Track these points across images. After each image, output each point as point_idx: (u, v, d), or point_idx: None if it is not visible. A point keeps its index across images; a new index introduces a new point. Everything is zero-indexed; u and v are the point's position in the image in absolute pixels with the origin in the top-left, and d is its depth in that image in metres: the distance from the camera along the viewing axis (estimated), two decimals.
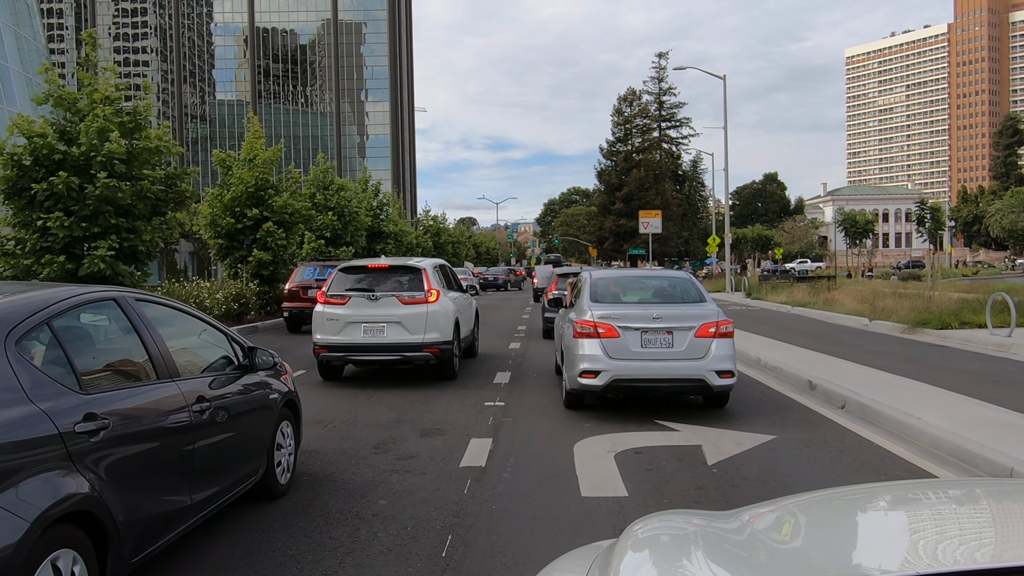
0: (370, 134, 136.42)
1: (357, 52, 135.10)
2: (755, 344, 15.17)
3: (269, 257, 21.18)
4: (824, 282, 34.24)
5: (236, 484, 4.83)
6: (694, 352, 8.32)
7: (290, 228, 21.97)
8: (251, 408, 5.06)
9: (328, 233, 28.48)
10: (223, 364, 5.00)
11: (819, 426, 8.20)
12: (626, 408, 9.04)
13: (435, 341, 10.69)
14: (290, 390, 5.79)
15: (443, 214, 59.75)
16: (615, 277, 10.36)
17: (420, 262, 11.39)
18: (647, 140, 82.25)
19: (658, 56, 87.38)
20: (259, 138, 22.13)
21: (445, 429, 8.00)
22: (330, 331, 10.69)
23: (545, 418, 8.61)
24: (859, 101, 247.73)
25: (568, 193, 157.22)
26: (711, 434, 7.67)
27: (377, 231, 36.36)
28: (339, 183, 29.50)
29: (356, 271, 11.18)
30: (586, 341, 8.40)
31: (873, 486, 2.95)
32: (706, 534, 1.97)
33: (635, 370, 8.31)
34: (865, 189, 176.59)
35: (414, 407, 9.23)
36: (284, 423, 5.63)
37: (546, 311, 17.44)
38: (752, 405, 9.37)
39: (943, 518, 1.96)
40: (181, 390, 4.17)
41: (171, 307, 4.76)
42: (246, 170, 21.66)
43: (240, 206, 21.21)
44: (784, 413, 8.90)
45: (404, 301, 10.65)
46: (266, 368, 5.35)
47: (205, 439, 4.31)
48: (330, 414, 8.78)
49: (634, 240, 76.17)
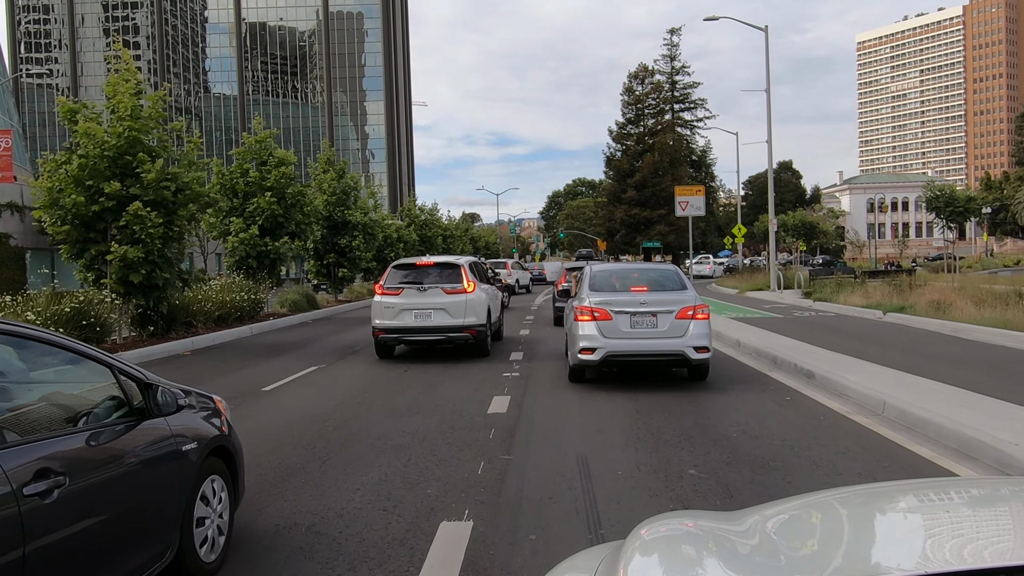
0: (365, 130, 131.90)
1: (351, 48, 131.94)
2: (930, 396, 7.98)
3: (139, 254, 14.16)
4: (904, 278, 27.20)
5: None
6: (675, 331, 9.78)
7: (174, 212, 14.93)
8: (147, 468, 3.70)
9: (262, 220, 21.48)
10: (106, 411, 3.64)
11: None
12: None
13: (473, 324, 13.00)
14: (222, 433, 4.50)
15: (434, 204, 52.73)
16: (611, 269, 12.16)
17: (458, 259, 13.76)
18: (660, 123, 74.79)
19: (670, 32, 79.71)
20: (127, 80, 15.07)
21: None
22: (387, 317, 13.06)
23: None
24: (871, 88, 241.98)
25: (573, 185, 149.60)
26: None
27: (342, 221, 29.35)
28: (279, 156, 22.46)
29: (406, 267, 13.59)
30: (585, 323, 9.89)
31: (884, 485, 2.60)
32: (716, 536, 1.94)
33: (625, 347, 9.82)
34: (884, 176, 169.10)
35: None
36: (210, 480, 4.30)
37: (556, 301, 19.12)
38: None
39: (961, 517, 1.93)
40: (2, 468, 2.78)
41: (13, 333, 3.36)
42: (114, 124, 14.71)
43: (95, 178, 14.22)
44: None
45: (447, 291, 12.95)
46: (170, 411, 3.92)
47: (52, 533, 2.96)
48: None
49: (648, 232, 68.89)
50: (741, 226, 50.26)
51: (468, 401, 9.25)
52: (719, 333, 16.21)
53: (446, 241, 51.17)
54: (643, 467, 6.16)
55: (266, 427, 8.01)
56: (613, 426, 7.70)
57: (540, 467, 6.21)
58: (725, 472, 5.99)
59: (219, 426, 4.54)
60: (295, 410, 9.00)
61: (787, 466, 6.16)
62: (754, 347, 13.57)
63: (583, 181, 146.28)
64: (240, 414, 8.24)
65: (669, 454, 6.58)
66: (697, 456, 6.48)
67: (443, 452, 6.80)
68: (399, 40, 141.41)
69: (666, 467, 6.16)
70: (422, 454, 6.73)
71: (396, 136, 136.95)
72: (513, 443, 7.09)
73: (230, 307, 19.25)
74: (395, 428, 7.84)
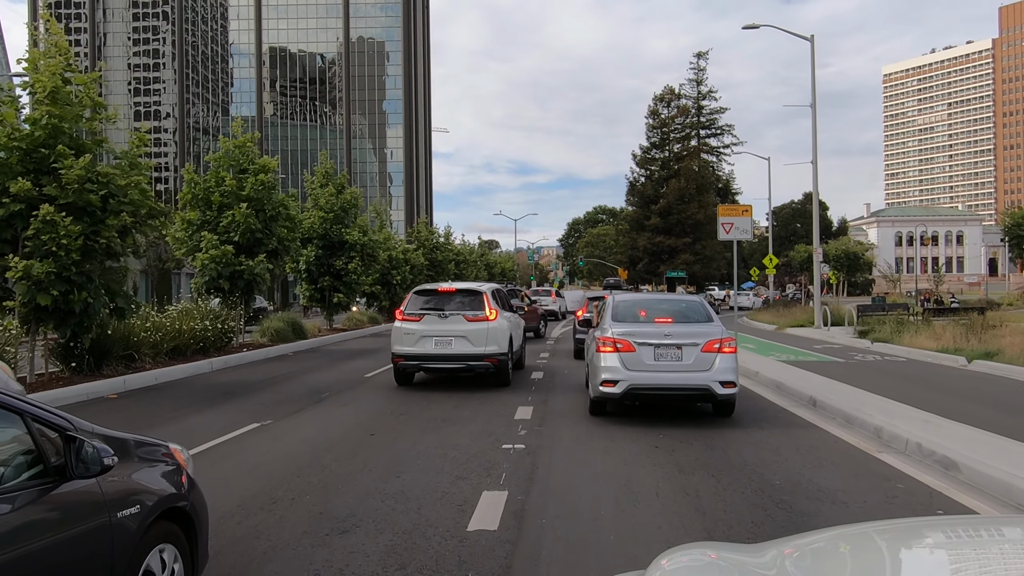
0: (384, 156, 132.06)
1: (371, 72, 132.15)
2: None
3: (48, 269, 11.13)
4: (974, 317, 23.71)
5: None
6: (700, 365, 9.26)
7: (101, 220, 11.92)
8: (68, 544, 2.98)
9: (237, 236, 18.51)
10: (14, 471, 2.95)
11: None
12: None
13: (494, 352, 12.54)
14: (178, 492, 3.69)
15: (447, 227, 49.80)
16: (634, 300, 11.57)
17: (481, 286, 13.31)
18: (686, 148, 71.71)
19: (696, 56, 76.87)
20: (53, 56, 12.17)
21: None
22: (407, 343, 12.64)
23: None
24: (897, 120, 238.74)
25: (593, 212, 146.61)
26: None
27: (338, 240, 26.37)
28: (261, 163, 19.53)
29: (428, 293, 13.18)
30: (607, 355, 9.43)
31: (910, 520, 2.41)
32: (738, 567, 1.93)
33: (649, 380, 9.30)
34: (914, 210, 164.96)
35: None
36: (158, 550, 3.50)
37: (577, 332, 18.35)
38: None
39: (990, 555, 1.87)
40: None
41: None
42: (34, 108, 11.86)
43: (2, 174, 11.31)
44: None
45: (468, 319, 12.55)
46: (95, 471, 3.13)
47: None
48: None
49: (672, 261, 65.56)
50: (772, 256, 46.92)
51: (443, 502, 6.09)
52: (781, 384, 12.95)
53: (459, 266, 48.16)
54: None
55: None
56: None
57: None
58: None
59: (175, 483, 3.75)
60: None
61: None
62: (837, 407, 10.30)
63: (603, 209, 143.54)
64: None
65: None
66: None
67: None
68: (419, 67, 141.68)
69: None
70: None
71: (415, 161, 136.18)
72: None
73: (188, 337, 16.25)
74: (321, 558, 4.72)
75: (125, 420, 9.89)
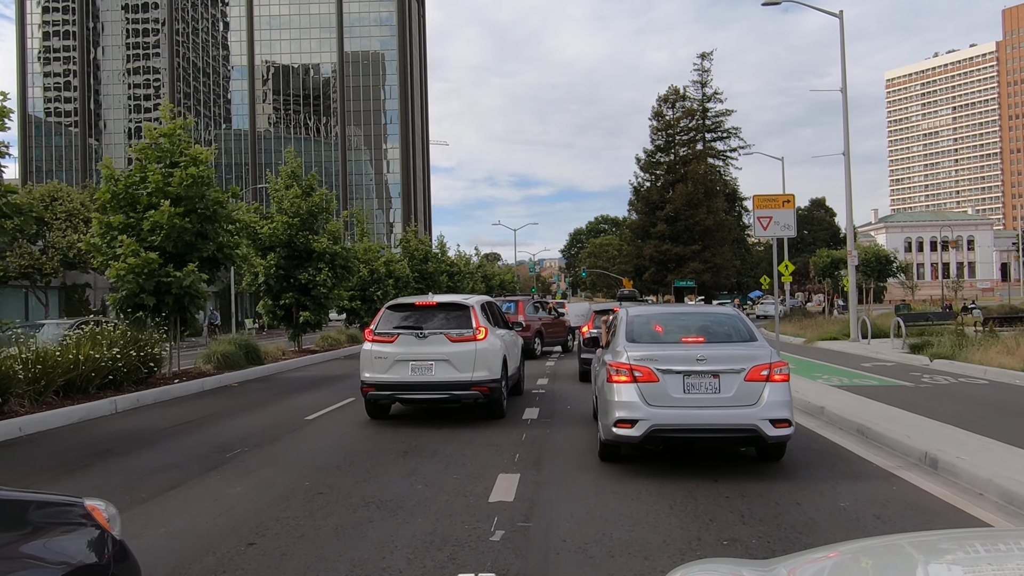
0: (381, 168, 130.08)
1: (366, 85, 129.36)
2: None
3: None
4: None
5: None
6: (744, 398, 7.20)
7: None
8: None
9: (160, 240, 15.03)
10: None
11: None
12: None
13: (484, 379, 10.39)
14: (96, 562, 2.85)
15: (441, 236, 46.35)
16: (654, 314, 9.02)
17: (467, 299, 11.15)
18: (692, 151, 68.25)
19: (700, 57, 73.25)
20: None
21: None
22: (378, 369, 10.48)
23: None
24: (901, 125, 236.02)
25: (596, 222, 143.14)
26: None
27: (305, 249, 22.89)
28: (193, 153, 16.07)
29: (404, 308, 10.99)
30: (622, 386, 7.38)
31: (927, 534, 2.33)
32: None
33: (677, 419, 7.19)
34: (922, 215, 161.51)
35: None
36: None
37: (582, 351, 16.36)
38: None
39: (1005, 571, 1.83)
40: None
41: None
42: None
43: None
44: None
45: (452, 339, 10.44)
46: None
47: None
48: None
49: (681, 270, 62.02)
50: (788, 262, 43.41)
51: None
52: (864, 428, 9.40)
53: (453, 279, 44.66)
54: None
55: None
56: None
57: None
58: None
59: (96, 551, 2.93)
60: None
61: None
62: (983, 476, 6.78)
63: (606, 218, 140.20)
64: None
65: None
66: None
67: None
68: (416, 79, 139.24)
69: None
70: None
71: (412, 175, 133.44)
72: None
73: (88, 369, 12.76)
74: None
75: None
